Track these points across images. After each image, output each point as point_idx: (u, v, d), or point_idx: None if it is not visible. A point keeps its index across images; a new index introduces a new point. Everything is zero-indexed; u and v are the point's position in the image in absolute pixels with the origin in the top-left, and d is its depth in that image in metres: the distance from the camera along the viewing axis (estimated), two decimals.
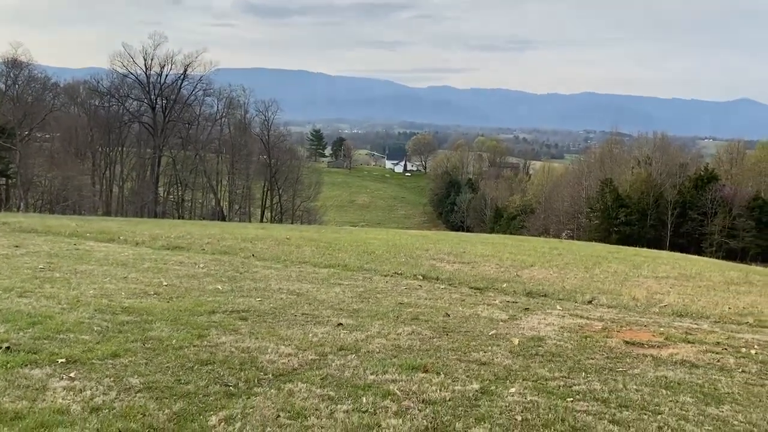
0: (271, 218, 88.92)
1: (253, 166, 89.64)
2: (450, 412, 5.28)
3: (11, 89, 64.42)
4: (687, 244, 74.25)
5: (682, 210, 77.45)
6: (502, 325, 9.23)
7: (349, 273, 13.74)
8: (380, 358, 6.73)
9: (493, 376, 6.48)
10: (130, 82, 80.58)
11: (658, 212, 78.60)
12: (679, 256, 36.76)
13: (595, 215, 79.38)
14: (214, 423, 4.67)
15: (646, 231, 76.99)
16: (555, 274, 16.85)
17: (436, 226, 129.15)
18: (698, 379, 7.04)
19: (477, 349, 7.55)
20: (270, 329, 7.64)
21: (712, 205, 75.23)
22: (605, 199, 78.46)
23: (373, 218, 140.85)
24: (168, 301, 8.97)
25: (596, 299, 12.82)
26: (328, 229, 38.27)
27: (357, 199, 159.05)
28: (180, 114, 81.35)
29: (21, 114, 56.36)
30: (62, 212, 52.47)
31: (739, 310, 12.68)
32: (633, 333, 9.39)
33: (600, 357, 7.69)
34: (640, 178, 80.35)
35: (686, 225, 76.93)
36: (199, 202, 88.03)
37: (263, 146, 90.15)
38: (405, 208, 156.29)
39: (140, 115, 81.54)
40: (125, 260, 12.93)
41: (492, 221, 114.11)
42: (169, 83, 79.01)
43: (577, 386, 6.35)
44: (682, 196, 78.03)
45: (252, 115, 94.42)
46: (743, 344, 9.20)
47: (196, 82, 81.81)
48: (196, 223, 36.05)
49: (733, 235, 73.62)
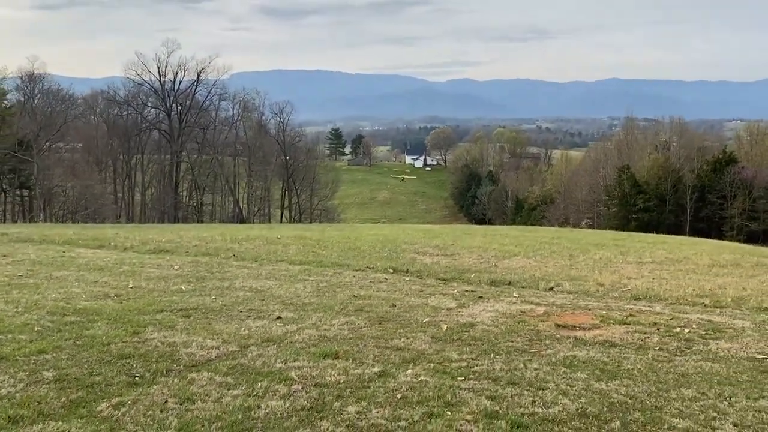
0: (290, 218, 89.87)
1: (270, 168, 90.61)
2: (336, 393, 5.67)
3: (28, 102, 66.05)
4: (707, 228, 73.58)
5: (700, 194, 76.69)
6: (443, 313, 9.58)
7: (321, 269, 14.16)
8: (299, 348, 7.14)
9: (401, 360, 6.85)
10: (146, 90, 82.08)
11: (676, 197, 77.91)
12: (687, 240, 36.63)
13: (613, 203, 78.93)
14: (102, 408, 5.13)
15: (665, 217, 76.36)
16: (534, 263, 17.10)
17: (457, 219, 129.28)
18: (607, 357, 7.34)
19: (401, 336, 7.92)
20: (206, 325, 8.09)
21: (731, 187, 74.36)
22: (623, 186, 77.97)
23: (394, 214, 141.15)
24: (123, 302, 9.47)
25: (560, 286, 13.08)
26: (334, 227, 38.75)
27: (378, 196, 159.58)
28: (196, 119, 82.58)
29: (37, 127, 57.71)
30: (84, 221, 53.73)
31: (703, 292, 12.83)
32: (572, 317, 9.68)
33: (521, 340, 8.01)
34: (657, 163, 79.69)
35: (705, 209, 76.15)
36: (219, 205, 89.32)
37: (279, 147, 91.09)
38: (426, 202, 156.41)
39: (158, 122, 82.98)
40: (104, 265, 13.50)
41: (513, 213, 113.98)
42: (183, 89, 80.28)
43: (478, 367, 6.70)
44: (700, 180, 77.25)
45: (267, 117, 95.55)
46: (682, 324, 9.44)
47: (210, 87, 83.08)
48: (203, 226, 36.79)
49: (754, 217, 72.73)
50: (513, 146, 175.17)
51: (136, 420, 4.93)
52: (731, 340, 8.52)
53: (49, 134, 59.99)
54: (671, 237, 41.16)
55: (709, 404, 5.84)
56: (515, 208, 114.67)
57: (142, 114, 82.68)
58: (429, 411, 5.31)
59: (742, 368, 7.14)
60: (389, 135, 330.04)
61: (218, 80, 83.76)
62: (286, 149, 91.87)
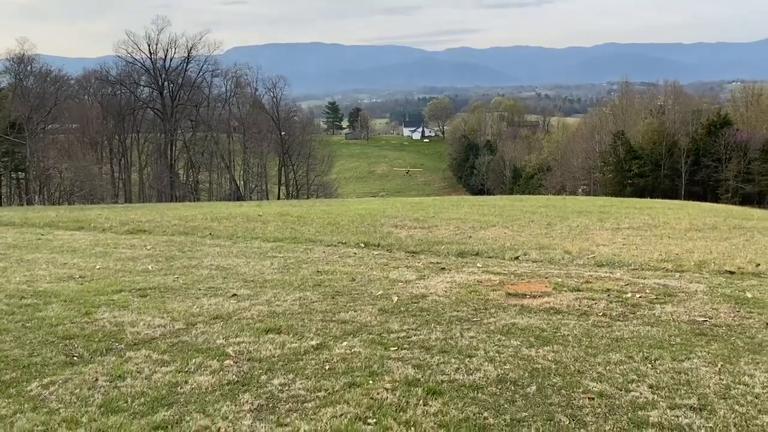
0: (287, 194, 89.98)
1: (266, 144, 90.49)
2: (267, 367, 5.84)
3: (20, 84, 65.88)
4: (702, 192, 73.64)
5: (695, 158, 76.64)
6: (400, 285, 9.75)
7: (294, 246, 14.32)
8: (245, 324, 7.31)
9: (342, 332, 7.02)
10: (138, 69, 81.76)
11: (671, 162, 77.87)
12: (675, 204, 36.60)
13: (609, 169, 78.94)
14: (32, 388, 5.31)
15: (660, 182, 76.39)
16: (509, 233, 17.24)
17: (456, 191, 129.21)
18: (546, 324, 7.50)
19: (350, 309, 8.09)
20: (160, 304, 8.26)
21: (726, 150, 74.27)
22: (618, 152, 77.89)
23: (393, 187, 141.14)
24: (85, 283, 9.65)
25: (528, 255, 13.24)
26: (325, 202, 38.87)
27: (376, 170, 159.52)
28: (189, 96, 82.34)
29: (28, 108, 57.65)
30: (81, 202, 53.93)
31: (669, 256, 12.98)
32: (526, 285, 9.85)
33: (467, 309, 8.18)
34: (652, 128, 79.49)
35: (700, 173, 76.15)
36: (216, 183, 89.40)
37: (274, 123, 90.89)
38: (424, 174, 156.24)
39: (151, 101, 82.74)
40: (78, 247, 13.67)
41: (511, 182, 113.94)
42: (174, 67, 79.94)
43: (415, 337, 6.87)
44: (695, 143, 77.13)
45: (261, 93, 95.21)
46: (636, 290, 9.60)
47: (202, 63, 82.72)
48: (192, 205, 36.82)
49: (749, 179, 72.73)
50: (511, 114, 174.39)
51: (61, 398, 5.11)
52: (679, 304, 8.67)
53: (41, 116, 59.90)
54: (661, 201, 41.20)
55: (633, 368, 6.00)
56: (513, 178, 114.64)
57: (135, 93, 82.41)
58: (352, 381, 5.49)
59: (678, 331, 7.30)
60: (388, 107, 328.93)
61: (210, 56, 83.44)
62: (281, 125, 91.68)
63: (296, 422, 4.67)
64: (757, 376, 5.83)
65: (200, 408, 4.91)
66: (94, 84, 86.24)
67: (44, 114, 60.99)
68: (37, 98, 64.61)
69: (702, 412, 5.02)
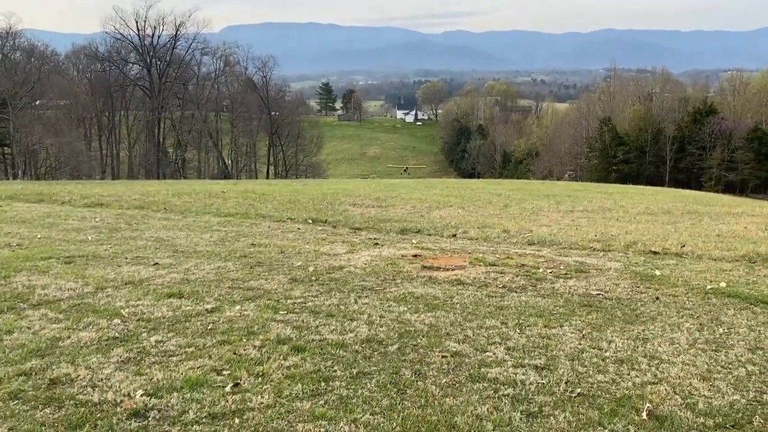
0: (275, 174, 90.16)
1: (255, 123, 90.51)
2: (152, 327, 6.18)
3: (5, 60, 65.70)
4: (686, 179, 74.18)
5: (680, 145, 77.09)
6: (324, 258, 10.09)
7: (241, 221, 14.66)
8: (152, 290, 7.63)
9: (242, 298, 7.36)
10: (126, 45, 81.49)
11: (657, 149, 78.32)
12: (648, 190, 37.21)
13: (594, 155, 79.32)
14: None
15: (644, 168, 76.86)
16: (461, 213, 17.63)
17: (447, 174, 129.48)
18: (442, 293, 7.85)
19: (261, 278, 8.42)
20: (81, 271, 8.57)
21: (711, 138, 74.70)
22: (604, 138, 78.23)
23: (384, 170, 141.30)
24: (18, 251, 9.96)
25: (467, 233, 13.62)
26: (303, 182, 39.21)
27: (368, 152, 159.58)
28: (177, 74, 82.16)
29: (12, 84, 57.57)
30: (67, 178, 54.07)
31: (603, 237, 13.32)
32: (445, 260, 10.20)
33: (375, 280, 8.52)
34: (638, 115, 79.85)
35: (685, 160, 76.63)
36: (204, 161, 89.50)
37: (263, 103, 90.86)
38: (416, 158, 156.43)
39: (140, 78, 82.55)
40: (30, 218, 13.98)
41: (501, 167, 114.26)
42: (162, 44, 79.75)
43: (311, 303, 7.21)
44: (680, 131, 77.53)
45: (251, 72, 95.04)
46: (552, 266, 9.94)
47: (190, 41, 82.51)
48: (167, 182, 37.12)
49: (732, 168, 73.24)
50: (504, 99, 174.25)
51: None
52: (584, 279, 9.01)
53: (26, 91, 59.85)
54: (637, 188, 41.74)
55: (501, 332, 6.34)
56: (503, 162, 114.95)
57: (122, 70, 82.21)
58: (225, 339, 5.83)
59: (565, 302, 7.65)
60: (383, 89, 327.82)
61: (199, 34, 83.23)
62: (271, 104, 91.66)
63: (154, 372, 5.02)
64: (616, 342, 6.19)
65: (70, 359, 5.25)
66: (83, 60, 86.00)
67: (28, 89, 60.86)
68: (23, 73, 64.49)
69: (543, 371, 5.37)
